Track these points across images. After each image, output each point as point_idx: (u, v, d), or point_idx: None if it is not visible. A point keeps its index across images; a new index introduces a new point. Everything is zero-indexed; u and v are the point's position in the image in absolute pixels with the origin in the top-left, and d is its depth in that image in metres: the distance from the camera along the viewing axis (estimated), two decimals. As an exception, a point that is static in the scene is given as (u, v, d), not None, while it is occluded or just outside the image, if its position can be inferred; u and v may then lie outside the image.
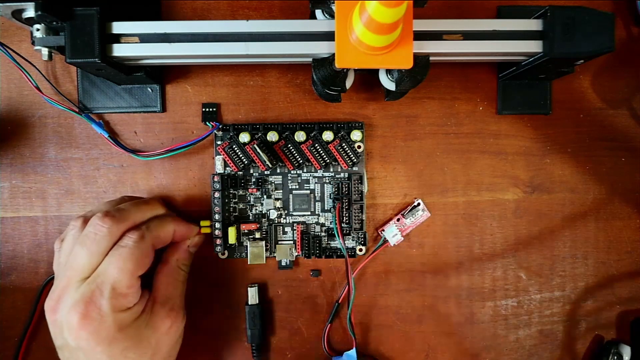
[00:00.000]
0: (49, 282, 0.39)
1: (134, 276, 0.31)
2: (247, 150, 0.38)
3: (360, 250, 0.40)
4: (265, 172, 0.39)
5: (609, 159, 0.41)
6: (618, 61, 0.41)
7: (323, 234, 0.40)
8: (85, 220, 0.32)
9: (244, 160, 0.38)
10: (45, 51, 0.32)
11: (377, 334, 0.41)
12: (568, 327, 0.42)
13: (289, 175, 0.40)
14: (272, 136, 0.39)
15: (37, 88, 0.37)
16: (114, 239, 0.31)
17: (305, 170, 0.40)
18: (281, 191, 0.40)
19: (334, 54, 0.30)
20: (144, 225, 0.33)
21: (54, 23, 0.31)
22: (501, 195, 0.41)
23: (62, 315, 0.30)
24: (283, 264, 0.40)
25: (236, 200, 0.40)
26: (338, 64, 0.30)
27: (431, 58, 0.32)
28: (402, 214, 0.40)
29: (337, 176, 0.40)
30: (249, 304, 0.39)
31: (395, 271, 0.41)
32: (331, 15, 0.33)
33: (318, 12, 0.34)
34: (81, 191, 0.40)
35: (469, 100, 0.41)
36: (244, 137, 0.38)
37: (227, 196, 0.39)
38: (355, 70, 0.35)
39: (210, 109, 0.39)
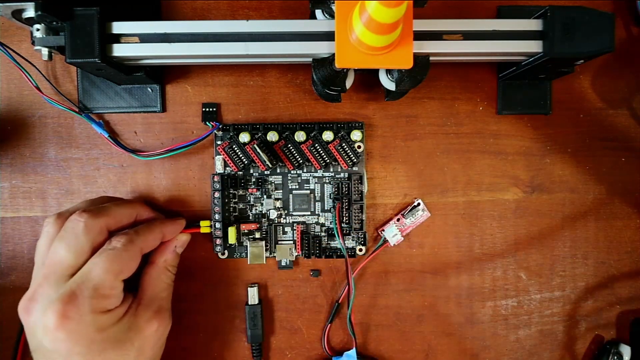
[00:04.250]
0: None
1: (118, 279, 0.30)
2: (247, 150, 0.38)
3: (360, 250, 0.40)
4: (265, 172, 0.39)
5: (609, 159, 0.41)
6: (618, 61, 0.41)
7: (323, 234, 0.40)
8: (59, 217, 0.31)
9: (244, 160, 0.38)
10: (45, 51, 0.32)
11: (377, 334, 0.41)
12: (568, 327, 0.42)
13: (289, 175, 0.40)
14: (272, 136, 0.39)
15: (37, 88, 0.37)
16: (92, 234, 0.30)
17: (305, 170, 0.40)
18: (281, 191, 0.40)
19: (334, 54, 0.30)
20: (132, 229, 0.33)
21: (54, 23, 0.31)
22: (501, 195, 0.41)
23: (37, 316, 0.28)
24: (283, 264, 0.40)
25: (236, 200, 0.39)
26: (338, 64, 0.30)
27: (431, 58, 0.32)
28: (402, 214, 0.40)
29: (337, 176, 0.40)
30: (249, 304, 0.39)
31: (395, 271, 0.41)
32: (331, 15, 0.33)
33: (318, 12, 0.34)
34: (81, 191, 0.40)
35: (469, 100, 0.41)
36: (244, 137, 0.38)
37: (227, 196, 0.39)
38: (355, 70, 0.35)
39: (210, 109, 0.39)
